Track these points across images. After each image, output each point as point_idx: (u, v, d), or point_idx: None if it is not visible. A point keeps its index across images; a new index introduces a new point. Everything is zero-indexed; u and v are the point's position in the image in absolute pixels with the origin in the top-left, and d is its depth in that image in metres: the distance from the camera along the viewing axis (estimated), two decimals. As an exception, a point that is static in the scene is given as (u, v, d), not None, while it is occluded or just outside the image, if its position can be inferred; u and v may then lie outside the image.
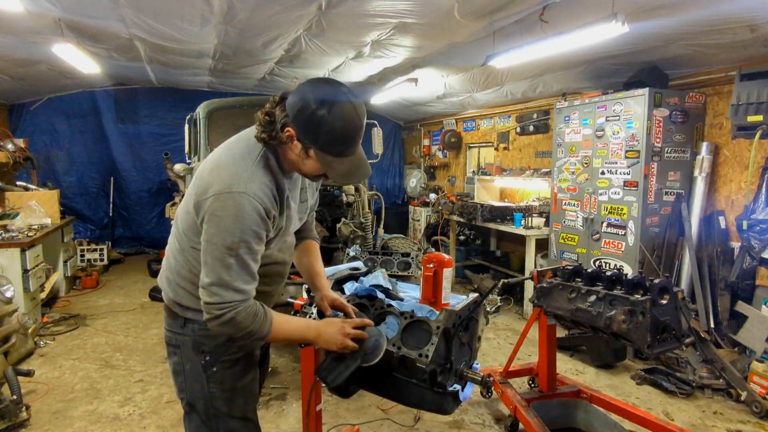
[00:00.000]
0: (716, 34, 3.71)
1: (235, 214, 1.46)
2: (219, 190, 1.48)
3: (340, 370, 1.66)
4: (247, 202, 1.46)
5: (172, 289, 1.71)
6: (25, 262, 4.61)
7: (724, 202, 4.38)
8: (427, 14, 4.05)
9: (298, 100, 1.49)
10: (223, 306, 1.46)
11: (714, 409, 3.50)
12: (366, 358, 1.69)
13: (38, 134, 7.88)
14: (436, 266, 1.95)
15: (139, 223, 8.71)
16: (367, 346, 1.68)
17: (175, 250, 1.71)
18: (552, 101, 5.87)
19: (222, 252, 1.46)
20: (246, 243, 1.47)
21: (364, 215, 4.65)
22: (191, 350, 1.70)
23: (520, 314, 5.64)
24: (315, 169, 1.58)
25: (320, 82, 1.54)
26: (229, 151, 1.61)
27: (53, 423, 3.28)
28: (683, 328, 2.56)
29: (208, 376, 1.70)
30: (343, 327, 1.65)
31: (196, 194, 1.55)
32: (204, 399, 1.72)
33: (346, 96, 1.49)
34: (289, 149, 1.56)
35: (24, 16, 4.05)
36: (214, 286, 1.47)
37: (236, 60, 6.13)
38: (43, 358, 4.30)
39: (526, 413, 2.89)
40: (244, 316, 1.48)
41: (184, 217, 1.65)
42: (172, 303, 1.73)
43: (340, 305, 1.86)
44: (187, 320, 1.70)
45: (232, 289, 1.47)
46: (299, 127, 1.50)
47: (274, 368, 4.04)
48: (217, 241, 1.46)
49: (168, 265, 1.75)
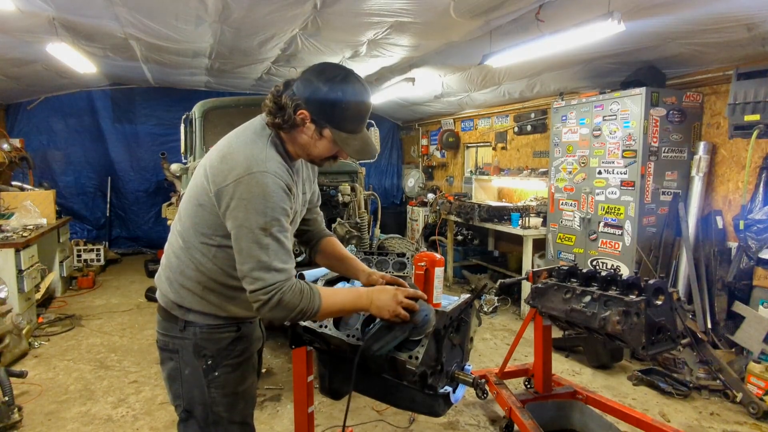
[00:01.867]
0: (713, 33, 3.69)
1: (261, 193, 1.45)
2: (239, 174, 1.47)
3: (388, 339, 1.63)
4: (271, 180, 1.47)
5: (174, 290, 1.66)
6: (20, 263, 4.59)
7: (722, 201, 4.36)
8: (423, 13, 4.03)
9: (308, 84, 1.53)
10: (268, 289, 1.44)
11: (711, 410, 3.48)
12: (415, 331, 1.64)
13: (35, 134, 7.86)
14: (427, 265, 1.92)
15: (136, 223, 8.68)
16: (417, 318, 1.63)
17: (178, 248, 1.66)
18: (549, 101, 5.85)
19: (257, 234, 1.45)
20: (277, 221, 1.48)
21: (360, 215, 4.63)
22: (191, 354, 1.65)
23: (518, 315, 5.62)
24: (327, 150, 1.61)
25: (326, 66, 1.58)
26: (237, 138, 1.61)
27: (45, 424, 3.26)
28: (678, 328, 2.54)
29: (209, 381, 1.66)
30: (396, 294, 1.60)
31: (214, 183, 1.52)
32: (204, 405, 1.68)
33: (354, 76, 1.56)
34: (302, 132, 1.58)
35: (17, 16, 4.02)
36: (255, 271, 1.45)
37: (233, 59, 6.12)
38: (37, 359, 4.28)
39: (521, 414, 2.87)
40: (291, 296, 1.47)
41: (194, 210, 1.60)
42: (171, 305, 1.67)
43: (391, 279, 1.83)
44: (188, 323, 1.65)
45: (274, 270, 1.46)
46: (314, 108, 1.53)
47: (268, 369, 4.02)
48: (250, 224, 1.45)
49: (169, 265, 1.69)
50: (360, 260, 2.02)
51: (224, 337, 1.67)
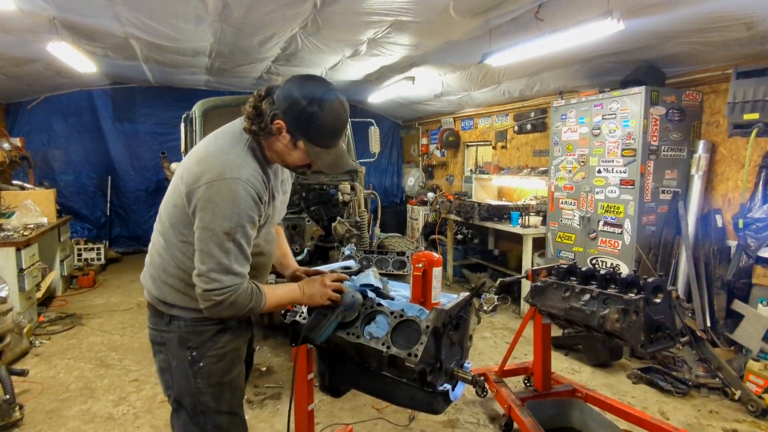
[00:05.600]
0: (713, 31, 3.69)
1: (231, 199, 1.50)
2: (212, 177, 1.52)
3: (324, 324, 1.75)
4: (242, 188, 1.52)
5: (157, 286, 1.72)
6: (21, 261, 4.60)
7: (721, 200, 4.37)
8: (423, 12, 4.03)
9: (288, 96, 1.56)
10: (223, 291, 1.51)
11: (710, 408, 3.49)
12: (347, 312, 1.77)
13: (35, 133, 7.86)
14: (425, 265, 1.93)
15: (136, 222, 8.68)
16: (345, 300, 1.77)
17: (160, 247, 1.71)
18: (549, 100, 5.86)
19: (220, 237, 1.50)
20: (242, 227, 1.53)
21: (360, 214, 4.63)
22: (177, 347, 1.70)
23: (517, 313, 5.63)
24: (300, 160, 1.66)
25: (308, 79, 1.62)
26: (216, 141, 1.66)
27: (46, 423, 3.27)
28: (677, 327, 2.54)
29: (195, 372, 1.70)
30: (323, 279, 1.77)
31: (186, 184, 1.57)
32: (191, 395, 1.73)
33: (334, 93, 1.60)
34: (277, 140, 1.62)
35: (17, 15, 4.03)
36: (214, 272, 1.50)
37: (233, 59, 6.12)
38: (38, 358, 4.29)
39: (521, 412, 2.88)
40: (243, 297, 1.55)
41: (171, 211, 1.66)
42: (156, 301, 1.73)
43: (313, 272, 1.98)
44: (173, 317, 1.70)
45: (232, 273, 1.52)
46: (290, 120, 1.57)
47: (269, 367, 4.03)
48: (215, 227, 1.50)
49: (152, 263, 1.75)
50: (360, 259, 2.06)
51: (208, 329, 1.71)
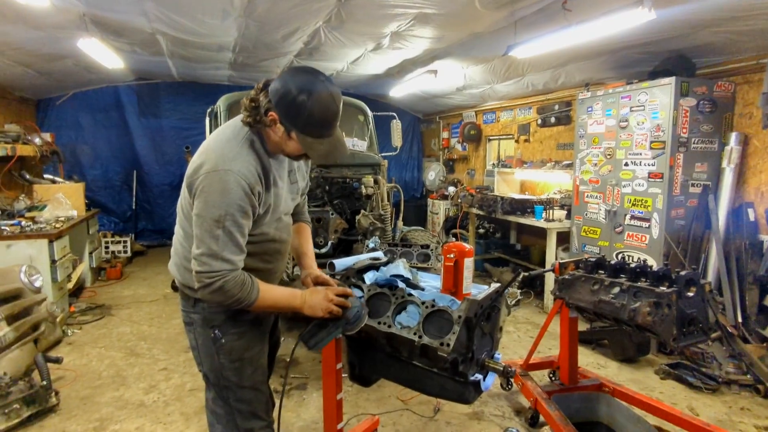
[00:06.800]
0: (747, 20, 3.59)
1: (221, 189, 1.58)
2: (207, 169, 1.61)
3: (322, 335, 1.75)
4: (232, 179, 1.58)
5: (181, 274, 1.83)
6: (53, 253, 4.72)
7: (754, 193, 4.25)
8: (447, 4, 4.01)
9: (280, 87, 1.61)
10: (212, 275, 1.57)
11: (741, 405, 3.42)
12: (348, 327, 1.77)
13: (64, 129, 8.03)
14: (456, 256, 1.93)
15: (161, 216, 8.83)
16: (349, 314, 1.76)
17: (181, 237, 1.82)
18: (574, 92, 5.77)
19: (210, 224, 1.58)
20: (232, 216, 1.59)
21: (383, 207, 4.64)
22: (202, 326, 1.82)
23: (540, 308, 5.58)
24: (297, 150, 1.71)
25: (300, 70, 1.65)
26: (217, 136, 1.75)
27: (81, 408, 3.37)
28: (710, 321, 2.50)
29: (218, 348, 1.81)
30: (327, 294, 1.75)
31: (188, 176, 1.68)
32: (215, 371, 1.84)
33: (323, 84, 1.61)
34: (273, 132, 1.68)
35: (50, 11, 4.12)
36: (204, 256, 1.58)
37: (256, 53, 6.17)
38: (71, 346, 4.41)
39: (547, 406, 2.86)
40: (232, 284, 1.59)
41: (184, 203, 1.76)
42: (182, 286, 1.85)
43: (323, 280, 1.97)
44: (197, 300, 1.79)
45: (221, 259, 1.58)
46: (281, 111, 1.62)
47: (294, 358, 4.08)
48: (206, 215, 1.58)
49: (176, 252, 1.86)
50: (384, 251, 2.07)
51: (229, 310, 1.77)
